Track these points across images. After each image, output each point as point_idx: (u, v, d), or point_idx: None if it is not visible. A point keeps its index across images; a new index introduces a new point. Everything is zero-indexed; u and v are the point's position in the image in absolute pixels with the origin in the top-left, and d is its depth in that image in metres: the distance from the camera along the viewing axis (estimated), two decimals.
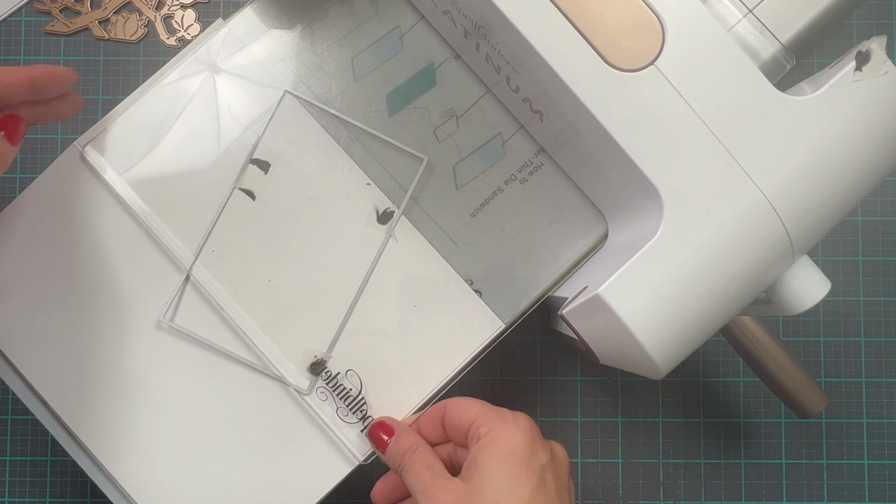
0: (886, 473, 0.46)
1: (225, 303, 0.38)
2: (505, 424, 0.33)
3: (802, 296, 0.33)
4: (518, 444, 0.33)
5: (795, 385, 0.39)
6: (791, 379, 0.39)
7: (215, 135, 0.38)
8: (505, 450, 0.33)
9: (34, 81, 0.34)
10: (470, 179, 0.39)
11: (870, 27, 0.47)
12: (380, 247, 0.38)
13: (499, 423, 0.34)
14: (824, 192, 0.31)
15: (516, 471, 0.32)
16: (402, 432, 0.36)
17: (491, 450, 0.33)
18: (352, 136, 0.39)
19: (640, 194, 0.33)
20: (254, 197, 0.38)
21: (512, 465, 0.32)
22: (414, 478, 0.34)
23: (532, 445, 0.33)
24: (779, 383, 0.39)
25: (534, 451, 0.33)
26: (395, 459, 0.35)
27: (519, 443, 0.33)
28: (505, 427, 0.33)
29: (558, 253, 0.39)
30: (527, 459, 0.33)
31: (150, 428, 0.37)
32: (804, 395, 0.39)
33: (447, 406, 0.36)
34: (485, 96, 0.39)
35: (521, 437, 0.33)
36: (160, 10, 0.46)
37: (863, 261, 0.46)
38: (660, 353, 0.31)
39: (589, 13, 0.32)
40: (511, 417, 0.34)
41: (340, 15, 0.39)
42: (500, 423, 0.34)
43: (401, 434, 0.36)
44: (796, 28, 0.34)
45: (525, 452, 0.33)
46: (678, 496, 0.45)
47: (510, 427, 0.33)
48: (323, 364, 0.38)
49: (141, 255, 0.38)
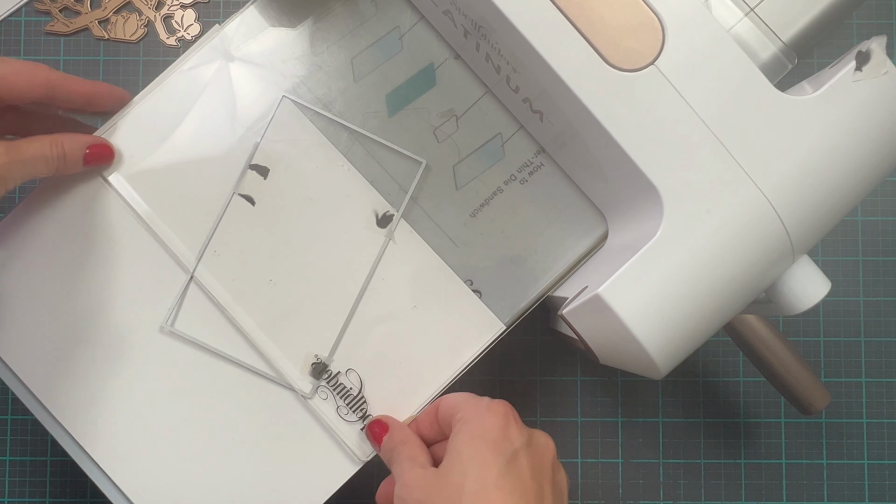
0: (886, 473, 0.46)
1: (226, 304, 0.38)
2: (477, 409, 0.33)
3: (802, 296, 0.33)
4: (488, 428, 0.32)
5: (798, 382, 0.39)
6: (793, 376, 0.39)
7: (214, 138, 0.38)
8: (475, 433, 0.32)
9: (52, 85, 0.35)
10: (470, 180, 0.39)
11: (870, 27, 0.47)
12: (380, 250, 0.38)
13: (473, 409, 0.33)
14: (824, 192, 0.31)
15: (483, 453, 0.32)
16: (395, 428, 0.36)
17: (462, 434, 0.33)
18: (351, 138, 0.39)
19: (640, 194, 0.33)
20: (253, 203, 0.38)
21: (479, 448, 0.32)
22: (397, 468, 0.34)
23: (504, 429, 0.32)
24: (781, 380, 0.39)
25: (505, 435, 0.32)
26: (386, 454, 0.35)
27: (489, 426, 0.32)
28: (478, 411, 0.33)
29: (558, 253, 0.39)
30: (495, 442, 0.32)
31: (151, 431, 0.37)
32: (807, 392, 0.39)
33: (440, 402, 0.36)
34: (484, 96, 0.39)
35: (492, 421, 0.33)
36: (160, 10, 0.46)
37: (863, 261, 0.46)
38: (660, 353, 0.31)
39: (589, 13, 0.32)
40: (486, 403, 0.34)
41: (340, 15, 0.39)
42: (474, 409, 0.33)
43: (393, 430, 0.36)
44: (798, 27, 0.34)
45: (495, 436, 0.32)
46: (678, 496, 0.45)
47: (483, 411, 0.33)
48: (324, 367, 0.38)
49: (143, 257, 0.38)
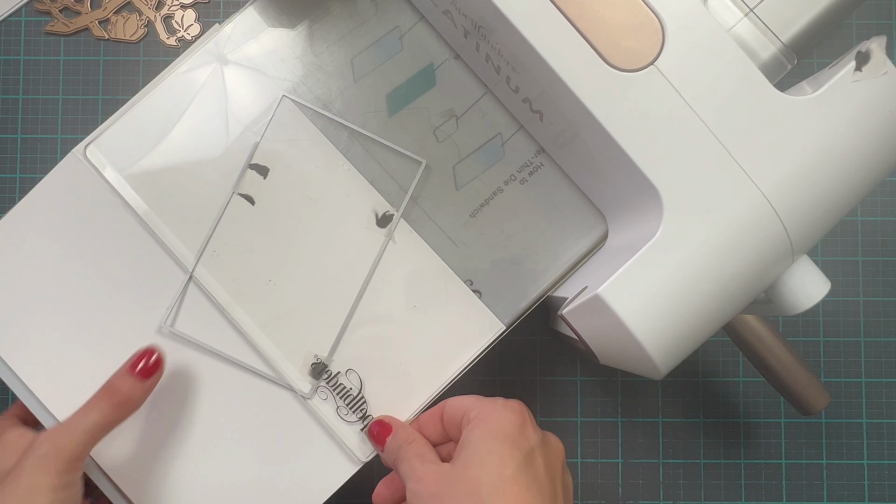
0: (886, 473, 0.46)
1: (226, 303, 0.38)
2: (495, 406, 0.33)
3: (802, 296, 0.33)
4: (506, 424, 0.32)
5: (798, 382, 0.39)
6: (793, 376, 0.39)
7: (215, 137, 0.38)
8: (493, 429, 0.32)
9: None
10: (469, 180, 0.39)
11: (870, 27, 0.47)
12: (379, 250, 0.38)
13: (489, 406, 0.33)
14: (824, 192, 0.31)
15: (501, 448, 0.32)
16: (399, 428, 0.36)
17: (479, 430, 0.33)
18: (351, 138, 0.39)
19: (640, 194, 0.33)
20: (253, 202, 0.38)
21: (498, 444, 0.32)
22: (406, 466, 0.34)
23: (521, 427, 0.33)
24: (781, 380, 0.39)
25: (522, 432, 0.33)
26: (391, 454, 0.35)
27: (507, 423, 0.33)
28: (494, 408, 0.33)
29: (558, 253, 0.39)
30: (513, 439, 0.32)
31: (150, 431, 0.37)
32: (807, 392, 0.39)
33: (445, 404, 0.36)
34: (484, 96, 0.39)
35: (509, 418, 0.33)
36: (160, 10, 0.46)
37: (863, 261, 0.46)
38: (660, 353, 0.31)
39: (589, 13, 0.32)
40: (502, 401, 0.34)
41: (340, 15, 0.39)
42: (490, 406, 0.33)
43: (398, 430, 0.36)
44: (797, 27, 0.34)
45: (513, 432, 0.32)
46: (678, 496, 0.45)
47: (499, 408, 0.33)
48: (324, 367, 0.38)
49: (142, 257, 0.38)
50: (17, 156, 0.45)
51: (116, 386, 0.35)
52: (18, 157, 0.46)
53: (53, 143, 0.46)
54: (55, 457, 0.32)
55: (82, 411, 0.34)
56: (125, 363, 0.35)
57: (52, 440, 0.33)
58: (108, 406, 0.34)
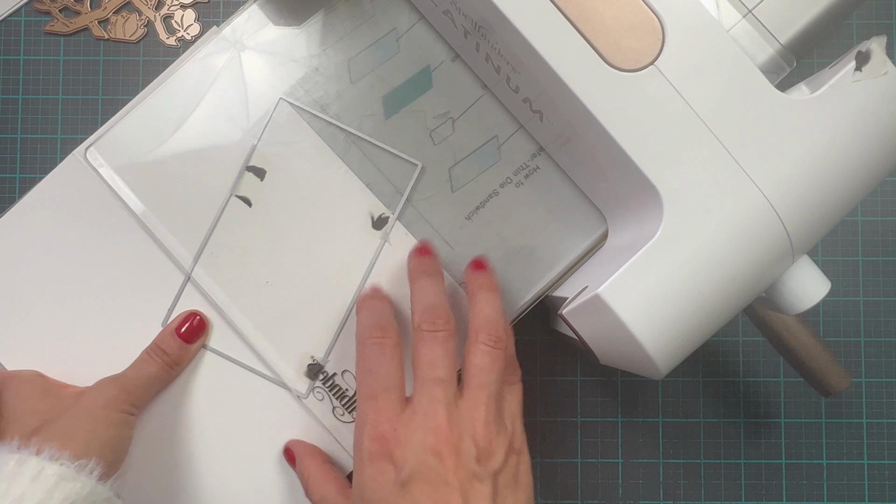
0: (886, 473, 0.45)
1: (223, 304, 0.38)
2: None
3: (802, 296, 0.33)
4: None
5: (818, 363, 0.39)
6: (813, 357, 0.39)
7: (213, 139, 0.38)
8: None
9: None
10: (465, 182, 0.39)
11: (870, 27, 0.47)
12: (375, 252, 0.38)
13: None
14: (824, 192, 0.31)
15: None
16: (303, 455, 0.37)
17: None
18: (348, 140, 0.39)
19: (640, 194, 0.33)
20: (250, 204, 0.38)
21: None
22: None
23: None
24: (801, 360, 0.39)
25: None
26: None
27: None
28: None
29: (557, 253, 0.39)
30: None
31: (149, 431, 0.37)
32: (828, 372, 0.39)
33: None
34: (481, 99, 0.39)
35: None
36: (160, 10, 0.46)
37: (863, 261, 0.46)
38: (660, 353, 0.31)
39: (589, 13, 0.32)
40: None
41: (337, 17, 0.39)
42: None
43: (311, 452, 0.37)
44: (796, 28, 0.34)
45: None
46: (678, 496, 0.45)
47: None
48: (320, 368, 0.38)
49: (140, 258, 0.38)
50: (17, 156, 0.45)
51: (162, 346, 0.36)
52: (18, 157, 0.46)
53: (53, 143, 0.46)
54: (123, 399, 0.35)
55: (137, 365, 0.36)
56: (168, 325, 0.37)
57: (119, 384, 0.35)
58: (156, 364, 0.36)
